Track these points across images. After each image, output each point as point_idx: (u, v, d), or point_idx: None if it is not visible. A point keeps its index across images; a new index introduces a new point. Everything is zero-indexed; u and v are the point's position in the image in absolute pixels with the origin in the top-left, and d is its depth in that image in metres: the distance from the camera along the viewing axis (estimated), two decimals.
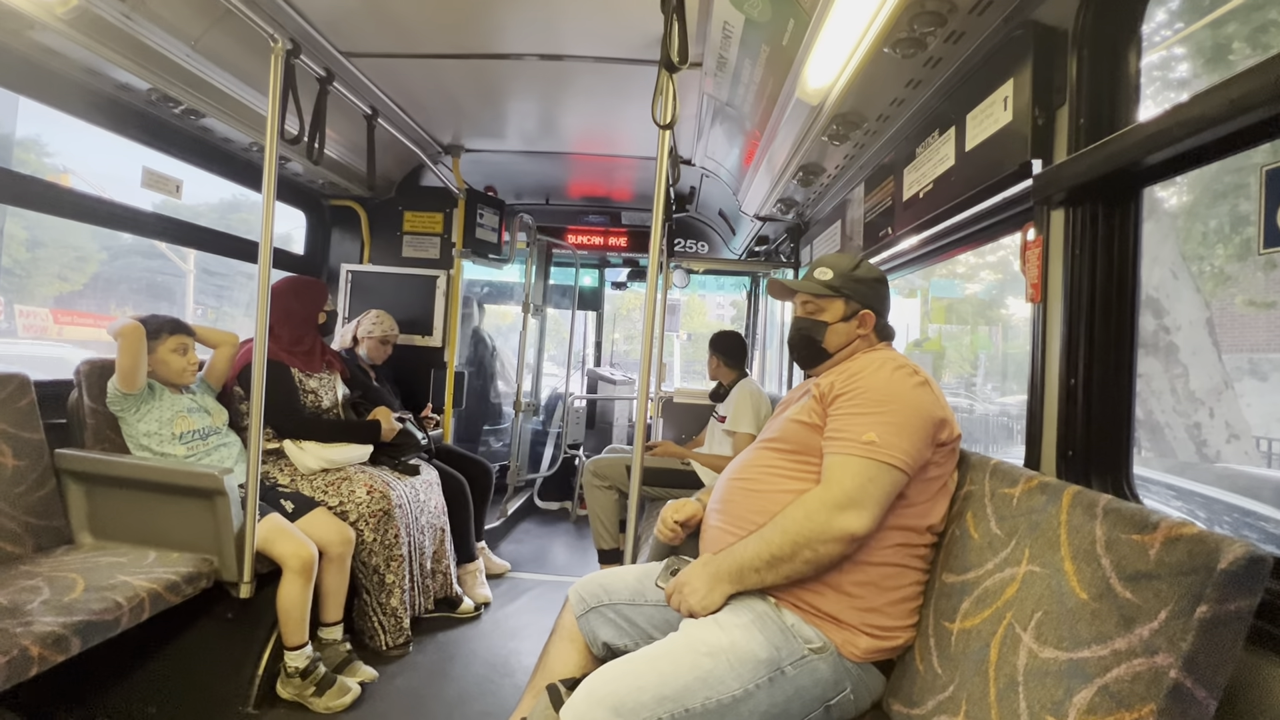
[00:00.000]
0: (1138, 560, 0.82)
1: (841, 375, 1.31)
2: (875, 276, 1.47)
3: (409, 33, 2.22)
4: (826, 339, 1.45)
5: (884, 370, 1.27)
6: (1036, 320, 1.31)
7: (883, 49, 1.52)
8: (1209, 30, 5.08)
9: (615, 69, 2.41)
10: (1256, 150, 0.94)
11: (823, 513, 1.15)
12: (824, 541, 1.15)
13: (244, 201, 11.74)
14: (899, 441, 1.17)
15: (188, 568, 1.77)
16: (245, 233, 2.91)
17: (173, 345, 2.06)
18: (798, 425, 1.32)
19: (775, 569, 1.18)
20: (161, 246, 10.39)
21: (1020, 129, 1.31)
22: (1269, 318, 6.79)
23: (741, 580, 1.22)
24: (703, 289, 7.11)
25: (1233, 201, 5.92)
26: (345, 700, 1.92)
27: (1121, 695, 0.77)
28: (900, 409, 1.20)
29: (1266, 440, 6.21)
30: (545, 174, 3.96)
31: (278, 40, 1.82)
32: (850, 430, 1.20)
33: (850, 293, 1.44)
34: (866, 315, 1.43)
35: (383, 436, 2.49)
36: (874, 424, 1.18)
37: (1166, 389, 5.79)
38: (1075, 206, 1.20)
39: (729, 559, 1.24)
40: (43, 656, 1.32)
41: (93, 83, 2.05)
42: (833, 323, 1.45)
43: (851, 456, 1.18)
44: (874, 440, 1.17)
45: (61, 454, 1.89)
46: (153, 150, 2.40)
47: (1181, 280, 5.89)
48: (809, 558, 1.16)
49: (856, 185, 2.50)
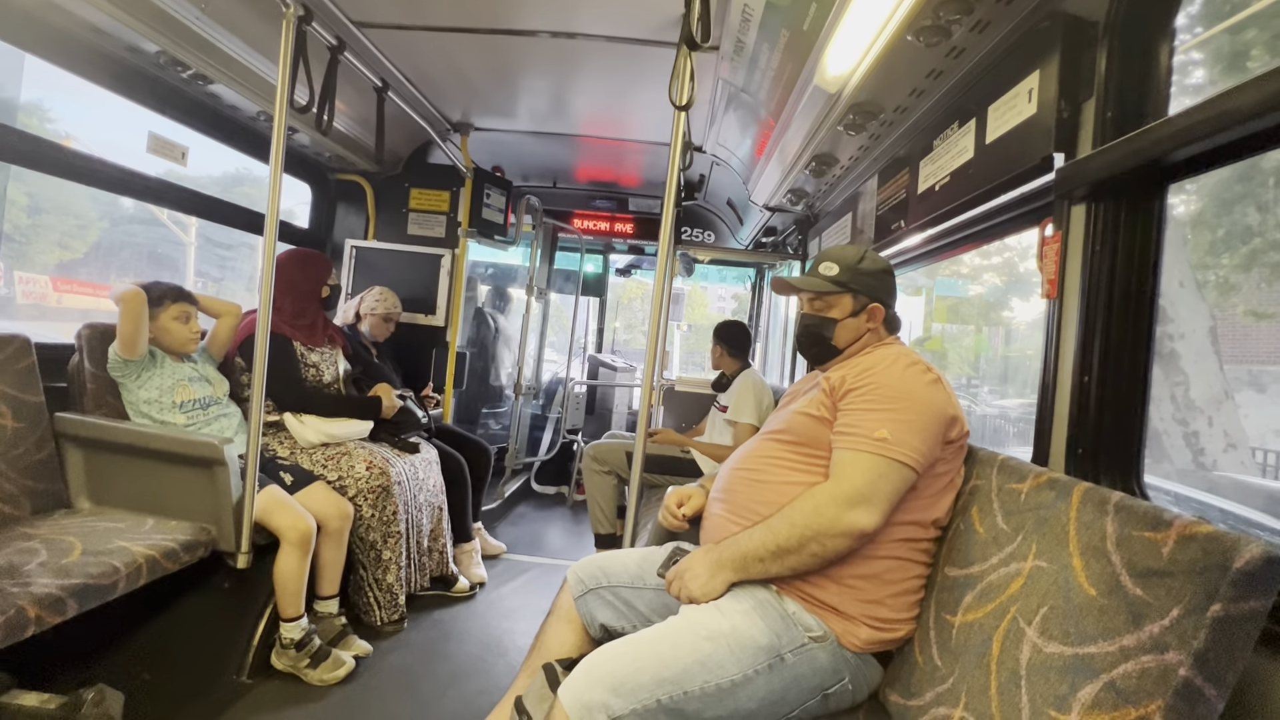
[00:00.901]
0: (1150, 557, 0.82)
1: (853, 370, 1.30)
2: (881, 268, 1.45)
3: (421, 4, 2.18)
4: (836, 335, 1.43)
5: (897, 366, 1.26)
6: (1051, 316, 1.29)
7: (905, 36, 1.50)
8: (1226, 36, 5.02)
9: (630, 50, 2.38)
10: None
11: (832, 507, 1.15)
12: (832, 536, 1.15)
13: (247, 175, 11.59)
14: (911, 439, 1.17)
15: (186, 536, 1.77)
16: (248, 206, 2.88)
17: (175, 313, 2.04)
18: (805, 418, 1.31)
19: (780, 560, 1.18)
20: (162, 215, 10.26)
21: (1044, 121, 1.29)
22: (1270, 328, 6.79)
23: (745, 569, 1.22)
24: (705, 280, 7.08)
25: (1241, 211, 5.89)
26: (339, 673, 1.93)
27: (1128, 691, 0.77)
28: (912, 406, 1.20)
29: (1263, 451, 6.24)
30: (554, 156, 3.92)
31: (290, 6, 1.79)
32: (862, 426, 1.20)
33: (858, 287, 1.42)
34: (875, 309, 1.42)
35: (383, 413, 2.48)
36: (886, 421, 1.18)
37: (1167, 396, 5.79)
38: (1098, 202, 1.18)
39: (733, 547, 1.24)
40: (39, 618, 1.32)
41: (101, 43, 2.01)
42: (842, 319, 1.43)
43: (863, 453, 1.17)
44: (886, 437, 1.16)
45: (61, 418, 1.88)
46: (159, 116, 2.37)
47: (1188, 288, 5.87)
48: (815, 551, 1.16)
49: (870, 177, 2.47)
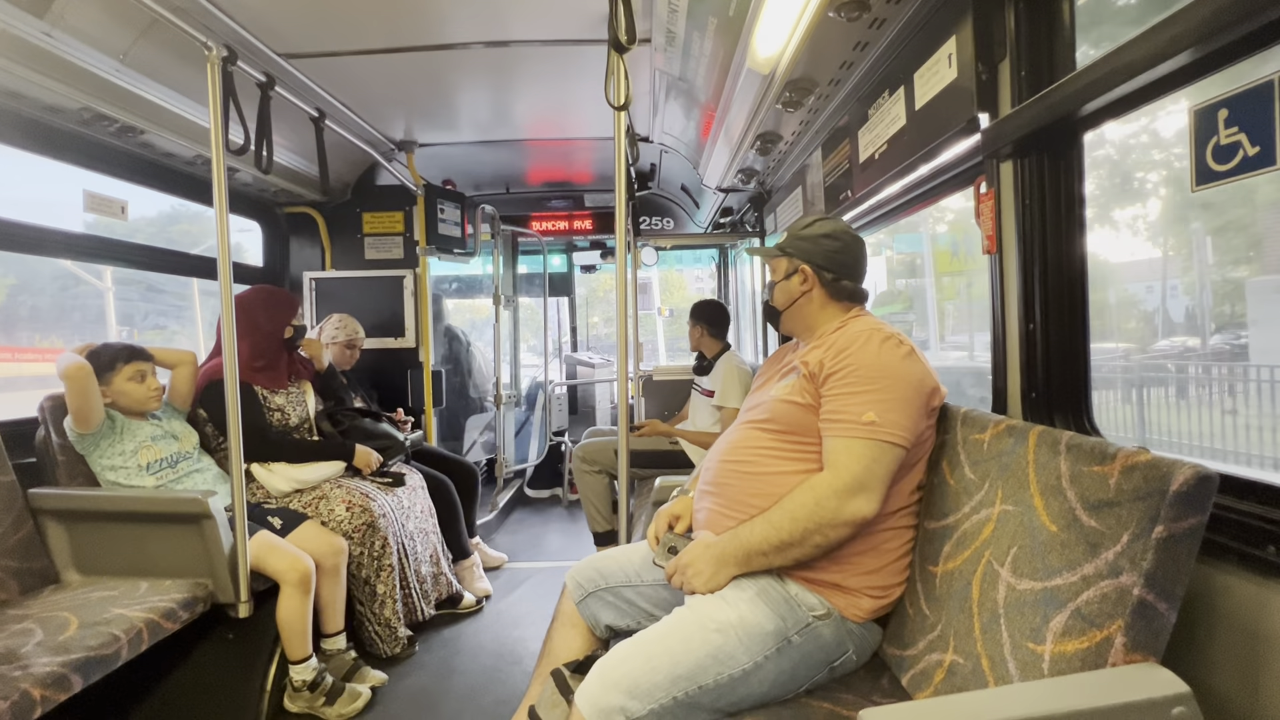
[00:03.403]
0: (1099, 490, 0.88)
1: (829, 352, 1.29)
2: (820, 232, 1.44)
3: (349, 29, 2.15)
4: (775, 297, 1.49)
5: (871, 344, 1.25)
6: (994, 271, 1.35)
7: (827, 13, 1.53)
8: None
9: (564, 51, 2.38)
10: None
11: (833, 499, 1.16)
12: (834, 527, 1.16)
13: (183, 212, 10.93)
14: (898, 418, 1.18)
15: (182, 594, 1.76)
16: (189, 245, 2.81)
17: (129, 374, 1.98)
18: (790, 406, 1.31)
19: (784, 553, 1.20)
20: (69, 265, 9.52)
21: (965, 85, 1.34)
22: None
23: (748, 564, 1.23)
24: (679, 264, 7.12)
25: None
26: (357, 705, 1.94)
27: (1092, 615, 0.83)
28: (894, 384, 1.21)
29: None
30: (503, 163, 3.91)
31: (211, 48, 1.75)
32: (848, 411, 1.20)
33: (793, 250, 1.44)
34: (805, 270, 1.42)
35: (359, 466, 2.44)
36: (870, 402, 1.19)
37: None
38: (1022, 158, 1.24)
39: (735, 543, 1.24)
40: (45, 698, 1.31)
41: (18, 106, 1.95)
42: (779, 281, 1.48)
43: (854, 439, 1.18)
44: (874, 420, 1.17)
45: (35, 493, 1.85)
46: (92, 172, 2.30)
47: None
48: (819, 542, 1.18)
49: (814, 150, 2.52)
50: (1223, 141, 0.85)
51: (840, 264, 1.42)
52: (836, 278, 1.42)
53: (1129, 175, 6.30)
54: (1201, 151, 0.88)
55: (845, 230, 1.46)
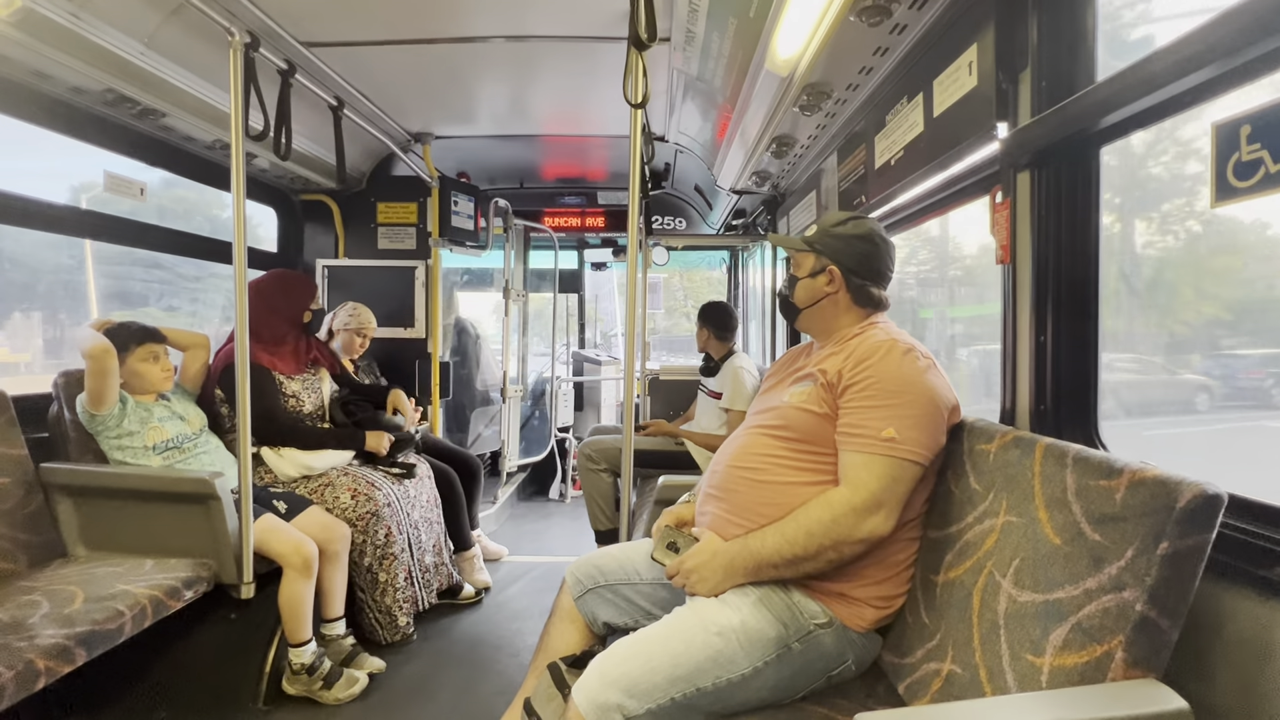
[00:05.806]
0: (1105, 504, 0.87)
1: (849, 361, 1.25)
2: (855, 233, 1.37)
3: (370, 20, 2.17)
4: (796, 293, 1.43)
5: (893, 357, 1.21)
6: (1007, 281, 1.35)
7: (848, 17, 1.53)
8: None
9: (583, 47, 2.39)
10: None
11: (850, 517, 1.15)
12: (849, 544, 1.15)
13: (178, 179, 10.99)
14: (918, 435, 1.16)
15: (186, 573, 1.78)
16: (186, 212, 2.79)
17: (143, 355, 2.01)
18: (806, 414, 1.27)
19: (795, 567, 1.18)
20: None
21: (985, 93, 1.33)
22: None
23: (758, 575, 1.21)
24: (686, 264, 7.13)
25: None
26: (354, 690, 1.96)
27: (1093, 630, 0.83)
28: (915, 399, 1.18)
29: None
30: (519, 157, 3.92)
31: (235, 34, 1.77)
32: (868, 426, 1.17)
33: (821, 247, 1.38)
34: (832, 271, 1.37)
35: (370, 450, 2.46)
36: (891, 418, 1.16)
37: None
38: (1040, 169, 1.23)
39: (745, 554, 1.21)
40: (49, 668, 1.33)
41: (44, 86, 1.98)
42: (802, 277, 1.41)
43: (874, 456, 1.16)
44: (894, 436, 1.15)
45: (46, 468, 1.87)
46: (112, 154, 2.33)
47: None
48: (832, 558, 1.17)
49: (829, 155, 2.52)
50: (1244, 158, 0.85)
51: (871, 269, 1.37)
52: (864, 283, 1.37)
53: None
54: (1222, 167, 0.87)
55: (879, 233, 1.39)
